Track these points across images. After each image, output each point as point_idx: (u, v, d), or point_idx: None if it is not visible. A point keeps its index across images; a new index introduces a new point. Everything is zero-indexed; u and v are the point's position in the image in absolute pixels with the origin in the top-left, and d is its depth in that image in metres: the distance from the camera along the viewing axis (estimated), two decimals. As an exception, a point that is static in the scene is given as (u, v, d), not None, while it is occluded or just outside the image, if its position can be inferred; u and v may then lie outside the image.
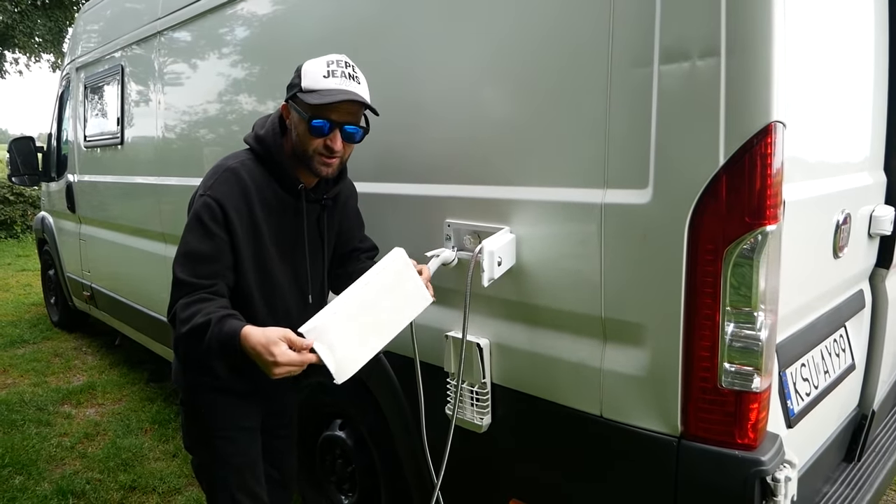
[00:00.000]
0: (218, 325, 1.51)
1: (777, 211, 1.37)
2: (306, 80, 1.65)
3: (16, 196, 11.78)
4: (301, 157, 1.72)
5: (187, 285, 1.60)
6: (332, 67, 1.65)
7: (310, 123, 1.65)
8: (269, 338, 1.44)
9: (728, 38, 1.33)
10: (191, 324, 1.53)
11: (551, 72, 1.66)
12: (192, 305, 1.56)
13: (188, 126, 3.31)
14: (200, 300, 1.58)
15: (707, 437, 1.47)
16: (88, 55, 4.64)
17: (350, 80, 1.66)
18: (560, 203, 1.66)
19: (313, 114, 1.64)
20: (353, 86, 1.66)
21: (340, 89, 1.63)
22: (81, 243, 4.96)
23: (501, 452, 1.90)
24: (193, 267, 1.62)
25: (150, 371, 4.74)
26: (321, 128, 1.65)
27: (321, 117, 1.64)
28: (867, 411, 2.28)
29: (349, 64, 1.68)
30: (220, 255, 1.65)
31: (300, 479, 2.67)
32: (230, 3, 2.84)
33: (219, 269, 1.65)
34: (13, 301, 7.17)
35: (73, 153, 4.99)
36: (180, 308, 1.57)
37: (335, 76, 1.64)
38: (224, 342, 1.49)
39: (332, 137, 1.67)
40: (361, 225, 2.05)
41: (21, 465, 3.38)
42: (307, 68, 1.67)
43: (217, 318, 1.52)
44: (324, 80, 1.63)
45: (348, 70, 1.67)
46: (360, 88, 1.68)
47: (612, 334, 1.60)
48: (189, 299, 1.58)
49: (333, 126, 1.66)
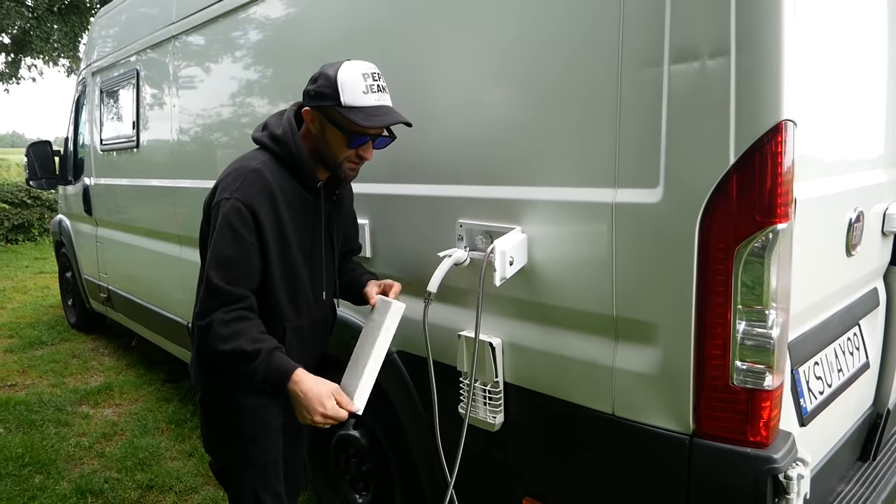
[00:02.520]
0: (268, 357, 1.60)
1: (788, 209, 1.38)
2: (346, 95, 1.64)
3: (33, 199, 11.92)
4: (327, 163, 1.77)
5: (222, 293, 1.62)
6: (370, 83, 1.67)
7: (349, 138, 1.70)
8: (321, 392, 1.59)
9: (738, 38, 1.33)
10: (234, 345, 1.59)
11: (562, 72, 1.67)
12: (233, 324, 1.61)
13: (203, 129, 3.35)
14: (240, 319, 1.63)
15: (719, 435, 1.47)
16: (104, 60, 4.70)
17: (383, 94, 1.70)
18: (571, 203, 1.67)
19: (357, 131, 1.69)
20: (387, 99, 1.71)
21: (384, 107, 1.69)
22: (98, 246, 5.02)
23: (514, 451, 1.91)
24: (225, 271, 1.64)
25: (166, 371, 4.79)
26: (361, 142, 1.71)
27: (364, 133, 1.70)
28: (882, 410, 2.26)
29: (380, 75, 1.71)
30: (250, 258, 1.67)
31: (315, 477, 2.70)
32: (243, 7, 2.88)
33: (249, 273, 1.68)
34: (31, 303, 7.27)
35: (89, 157, 5.05)
36: (218, 324, 1.61)
37: (373, 91, 1.67)
38: (271, 377, 1.60)
39: (365, 148, 1.74)
40: (355, 221, 2.11)
41: (40, 465, 3.43)
42: (345, 80, 1.65)
43: (267, 350, 1.60)
44: (363, 96, 1.66)
45: (381, 83, 1.70)
46: (390, 100, 1.73)
47: (624, 333, 1.61)
48: (228, 317, 1.62)
49: (370, 139, 1.74)
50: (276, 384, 1.61)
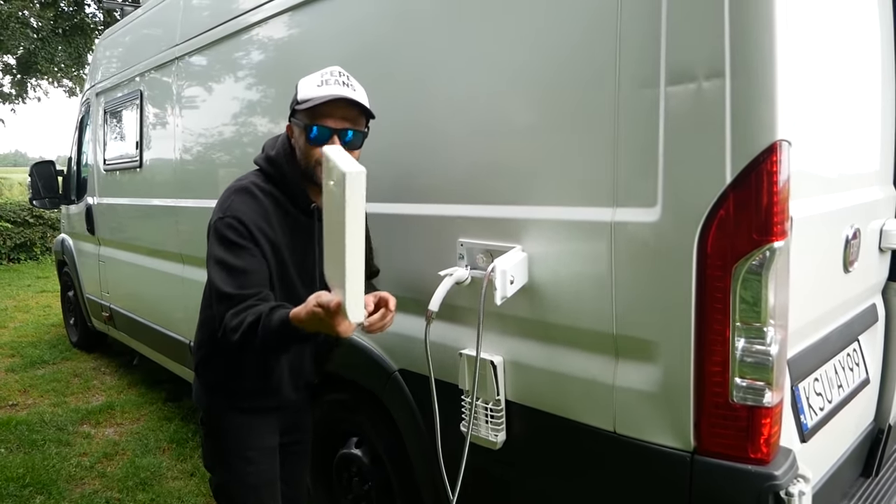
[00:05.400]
0: (268, 318, 1.49)
1: (784, 227, 1.39)
2: (301, 92, 1.66)
3: (35, 218, 11.96)
4: (305, 172, 1.72)
5: (235, 298, 1.58)
6: (325, 77, 1.66)
7: (308, 132, 1.66)
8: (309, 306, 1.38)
9: (732, 60, 1.36)
10: (243, 329, 1.52)
11: (561, 94, 1.69)
12: (240, 314, 1.55)
13: (206, 149, 3.38)
14: (248, 307, 1.56)
15: (720, 452, 1.47)
16: (108, 80, 4.75)
17: (344, 87, 1.66)
18: (571, 222, 1.69)
19: (310, 122, 1.65)
20: (348, 91, 1.66)
21: (331, 92, 1.64)
22: (101, 265, 5.04)
23: (516, 469, 1.92)
24: (236, 279, 1.60)
25: (167, 391, 4.78)
26: (319, 135, 1.65)
27: (318, 124, 1.65)
28: (883, 426, 2.27)
29: (343, 73, 1.69)
30: (257, 264, 1.64)
31: (318, 496, 2.70)
32: (246, 28, 2.92)
33: (259, 278, 1.63)
34: (33, 322, 7.27)
35: (92, 176, 5.09)
36: (229, 318, 1.56)
37: (328, 84, 1.65)
38: (283, 330, 1.47)
39: (331, 143, 1.64)
40: (369, 242, 2.02)
41: (42, 485, 3.42)
42: (302, 82, 1.69)
43: (265, 311, 1.51)
44: (317, 88, 1.65)
45: (342, 78, 1.67)
46: (356, 94, 1.67)
47: (624, 351, 1.62)
48: (236, 309, 1.56)
49: (332, 133, 1.66)
50: (289, 335, 1.47)
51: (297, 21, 2.63)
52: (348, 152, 1.56)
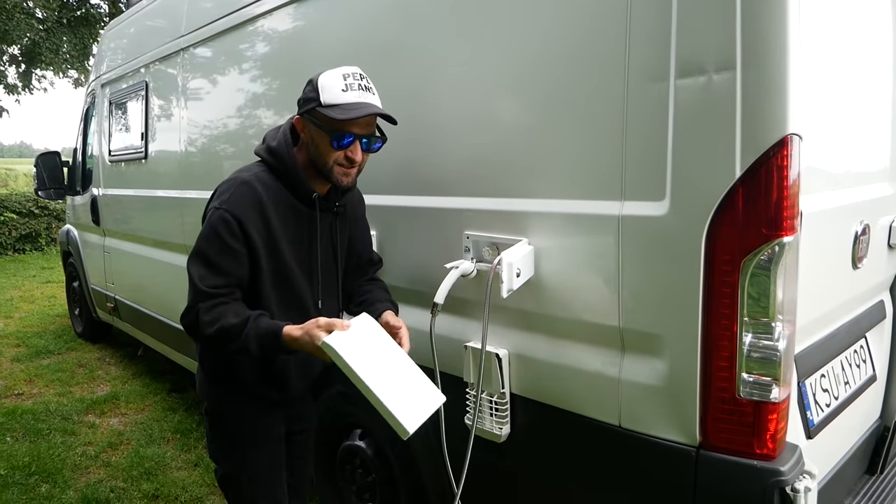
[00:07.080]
0: (255, 323, 1.61)
1: (794, 222, 1.38)
2: (325, 94, 1.67)
3: (41, 209, 11.99)
4: (320, 169, 1.75)
5: (207, 295, 1.65)
6: (349, 81, 1.68)
7: (332, 137, 1.68)
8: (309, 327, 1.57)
9: (743, 53, 1.35)
10: (219, 325, 1.61)
11: (569, 86, 1.68)
12: (216, 308, 1.64)
13: (210, 140, 3.38)
14: (223, 304, 1.65)
15: (726, 447, 1.47)
16: (113, 72, 4.75)
17: (366, 93, 1.69)
18: (578, 215, 1.68)
19: (336, 128, 1.67)
20: (370, 97, 1.69)
21: (362, 103, 1.67)
22: (105, 255, 5.05)
23: (521, 462, 1.92)
24: (213, 278, 1.66)
25: (171, 381, 4.80)
26: (344, 141, 1.69)
27: (344, 131, 1.68)
28: (889, 423, 2.26)
29: (363, 76, 1.71)
30: (239, 268, 1.69)
31: (322, 487, 2.70)
32: (251, 20, 2.91)
33: (237, 281, 1.70)
34: (38, 312, 7.30)
35: (97, 167, 5.09)
36: (203, 311, 1.63)
37: (353, 89, 1.67)
38: (264, 341, 1.60)
39: (352, 149, 1.71)
40: (368, 230, 2.09)
41: (47, 474, 3.44)
42: (325, 82, 1.69)
43: (253, 317, 1.63)
44: (343, 94, 1.66)
45: (363, 82, 1.70)
46: (375, 99, 1.71)
47: (631, 345, 1.61)
48: (210, 303, 1.64)
49: (355, 138, 1.70)
50: (272, 347, 1.61)
51: (301, 13, 2.61)
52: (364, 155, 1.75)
